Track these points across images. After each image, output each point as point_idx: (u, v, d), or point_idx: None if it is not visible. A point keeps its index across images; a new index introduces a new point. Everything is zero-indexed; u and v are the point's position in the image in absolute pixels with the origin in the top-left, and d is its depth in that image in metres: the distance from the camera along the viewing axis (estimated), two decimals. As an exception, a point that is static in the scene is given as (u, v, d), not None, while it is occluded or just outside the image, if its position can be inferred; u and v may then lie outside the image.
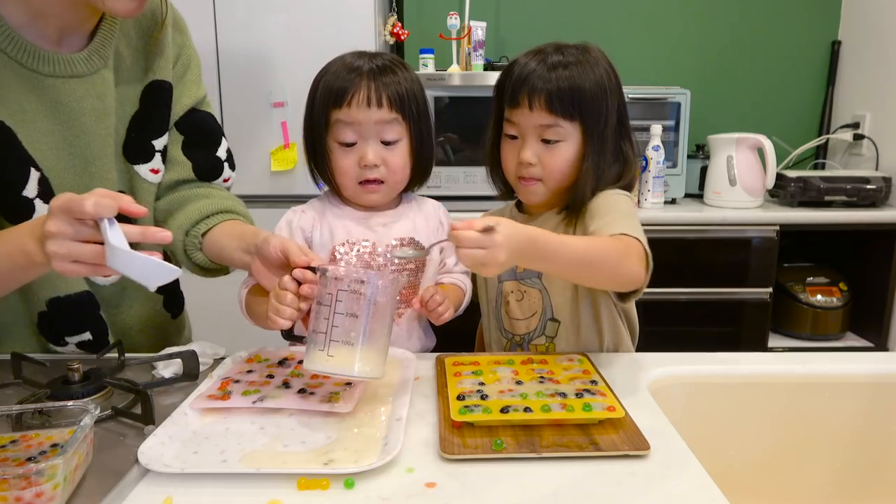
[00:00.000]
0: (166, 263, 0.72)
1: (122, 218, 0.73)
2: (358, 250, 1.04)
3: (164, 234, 0.74)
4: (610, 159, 1.03)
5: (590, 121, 1.01)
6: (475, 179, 2.15)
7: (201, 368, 0.92)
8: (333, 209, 1.08)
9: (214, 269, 1.06)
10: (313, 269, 0.82)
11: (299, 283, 0.83)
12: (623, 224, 0.92)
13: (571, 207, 1.05)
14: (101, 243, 0.71)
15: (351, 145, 1.00)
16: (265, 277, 0.90)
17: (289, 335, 0.84)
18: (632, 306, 1.10)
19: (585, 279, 0.93)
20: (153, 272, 0.71)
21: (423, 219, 1.10)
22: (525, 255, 0.80)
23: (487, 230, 0.74)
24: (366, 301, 0.77)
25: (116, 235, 0.69)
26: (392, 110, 0.99)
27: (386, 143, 1.01)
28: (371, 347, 0.78)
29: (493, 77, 2.14)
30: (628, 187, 1.05)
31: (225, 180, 1.13)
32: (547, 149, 1.02)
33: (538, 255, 0.81)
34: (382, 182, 1.03)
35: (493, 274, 0.80)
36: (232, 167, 1.14)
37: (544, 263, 0.85)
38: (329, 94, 0.99)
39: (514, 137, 1.04)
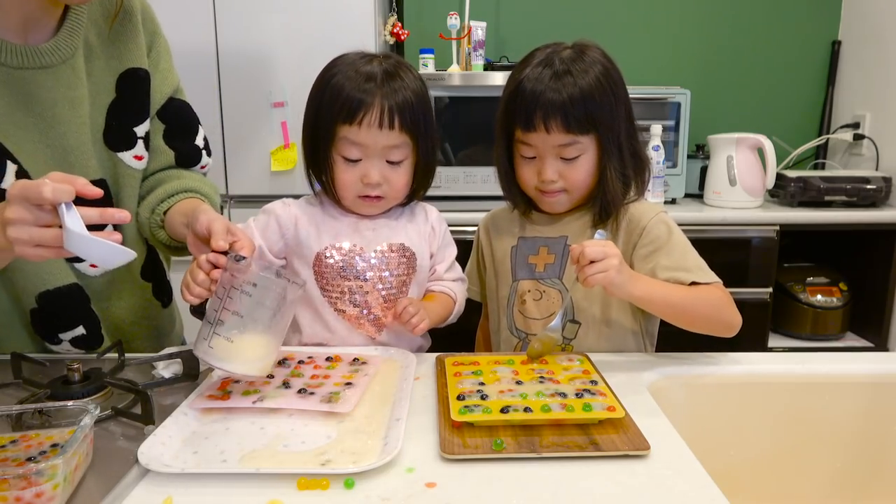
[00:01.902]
0: (121, 246, 0.73)
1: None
2: (345, 253, 1.03)
3: (122, 215, 0.74)
4: (628, 162, 1.04)
5: (604, 130, 1.01)
6: (475, 179, 2.15)
7: (201, 368, 0.92)
8: (323, 211, 1.06)
9: (176, 246, 1.06)
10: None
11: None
12: (706, 271, 1.00)
13: (603, 214, 1.06)
14: (61, 226, 0.72)
15: (355, 161, 0.99)
16: (197, 251, 0.89)
17: (196, 311, 0.85)
18: (655, 319, 1.12)
19: (684, 322, 0.97)
20: (108, 254, 0.73)
21: (413, 224, 1.09)
22: (626, 272, 0.90)
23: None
24: (252, 303, 0.78)
25: (74, 219, 0.71)
26: (402, 133, 0.97)
27: (390, 163, 1.00)
28: (249, 346, 0.79)
29: (493, 77, 2.14)
30: (646, 182, 1.09)
31: (202, 167, 1.15)
32: (567, 165, 1.02)
33: (634, 278, 0.92)
34: (382, 197, 1.02)
35: (614, 271, 0.87)
36: (209, 154, 1.15)
37: (640, 290, 0.92)
38: (339, 107, 0.96)
39: (530, 158, 1.04)
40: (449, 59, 2.33)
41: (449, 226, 1.16)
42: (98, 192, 0.75)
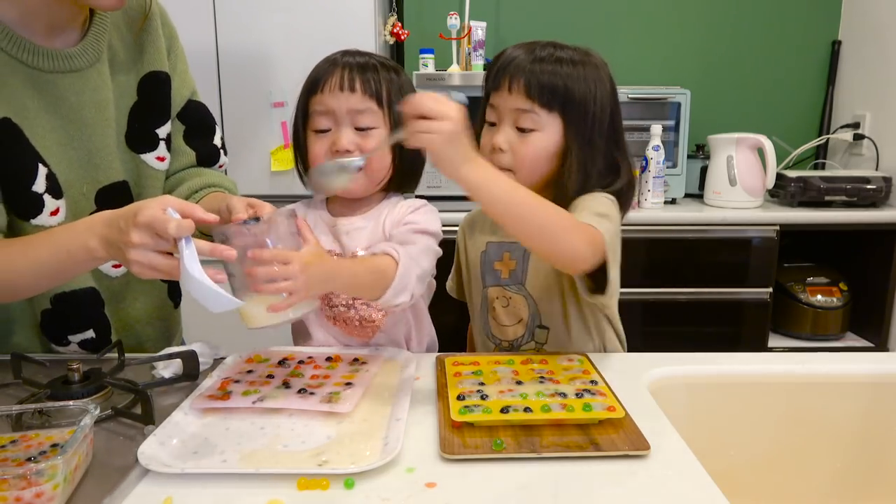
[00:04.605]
0: (229, 296, 0.75)
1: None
2: None
3: (229, 253, 0.76)
4: (600, 164, 1.01)
5: (573, 117, 0.98)
6: (475, 179, 2.15)
7: (201, 368, 0.92)
8: (310, 214, 1.05)
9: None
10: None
11: None
12: (593, 219, 0.90)
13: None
14: (175, 255, 0.76)
15: (325, 132, 0.98)
16: None
17: None
18: (614, 314, 1.09)
19: (522, 233, 0.86)
20: (217, 301, 0.74)
21: (391, 222, 1.01)
22: (462, 148, 0.78)
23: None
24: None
25: (191, 257, 0.74)
26: (365, 96, 0.96)
27: (361, 130, 0.97)
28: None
29: (493, 77, 2.14)
30: (620, 195, 1.01)
31: (220, 166, 1.19)
32: (520, 137, 0.99)
33: (472, 161, 0.79)
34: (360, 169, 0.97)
35: (443, 138, 0.76)
36: (225, 153, 1.20)
37: (474, 175, 0.80)
38: (308, 84, 1.00)
39: (493, 125, 1.03)
40: (449, 59, 2.33)
41: (447, 226, 1.07)
42: (213, 217, 0.79)
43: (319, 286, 0.83)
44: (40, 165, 0.91)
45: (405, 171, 1.03)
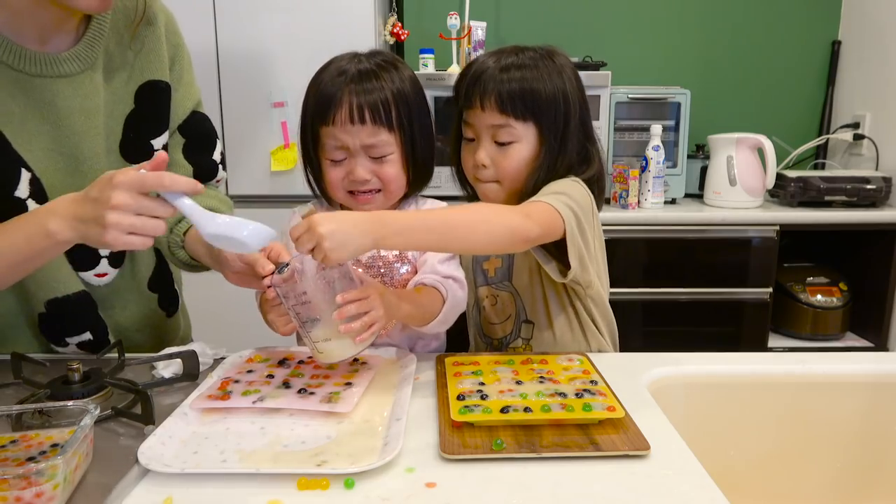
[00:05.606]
0: (262, 225, 0.76)
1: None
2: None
3: (197, 185, 0.77)
4: (574, 159, 1.02)
5: (546, 119, 0.99)
6: (475, 179, 2.15)
7: (201, 368, 0.92)
8: None
9: (195, 265, 1.06)
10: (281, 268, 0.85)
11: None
12: (541, 197, 0.92)
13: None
14: (157, 217, 0.75)
15: (341, 161, 0.99)
16: (245, 283, 0.90)
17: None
18: (603, 305, 1.08)
19: (457, 245, 0.88)
20: (256, 232, 0.75)
21: None
22: (346, 234, 0.75)
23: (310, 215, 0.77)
24: (318, 303, 0.82)
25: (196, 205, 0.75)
26: (377, 125, 0.95)
27: (374, 158, 0.98)
28: (323, 332, 0.83)
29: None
30: (591, 182, 1.02)
31: (217, 181, 1.15)
32: (500, 150, 1.01)
33: (376, 227, 0.77)
34: (379, 191, 1.00)
35: (325, 242, 0.73)
36: (224, 168, 1.16)
37: (398, 237, 0.80)
38: (314, 108, 0.98)
39: (471, 140, 1.04)
40: (449, 59, 2.33)
41: None
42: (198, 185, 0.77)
43: (390, 314, 0.87)
44: (23, 170, 0.90)
45: (418, 178, 1.04)
